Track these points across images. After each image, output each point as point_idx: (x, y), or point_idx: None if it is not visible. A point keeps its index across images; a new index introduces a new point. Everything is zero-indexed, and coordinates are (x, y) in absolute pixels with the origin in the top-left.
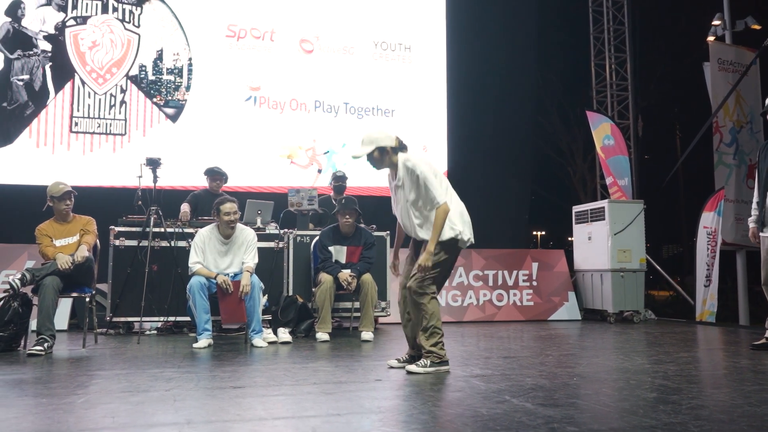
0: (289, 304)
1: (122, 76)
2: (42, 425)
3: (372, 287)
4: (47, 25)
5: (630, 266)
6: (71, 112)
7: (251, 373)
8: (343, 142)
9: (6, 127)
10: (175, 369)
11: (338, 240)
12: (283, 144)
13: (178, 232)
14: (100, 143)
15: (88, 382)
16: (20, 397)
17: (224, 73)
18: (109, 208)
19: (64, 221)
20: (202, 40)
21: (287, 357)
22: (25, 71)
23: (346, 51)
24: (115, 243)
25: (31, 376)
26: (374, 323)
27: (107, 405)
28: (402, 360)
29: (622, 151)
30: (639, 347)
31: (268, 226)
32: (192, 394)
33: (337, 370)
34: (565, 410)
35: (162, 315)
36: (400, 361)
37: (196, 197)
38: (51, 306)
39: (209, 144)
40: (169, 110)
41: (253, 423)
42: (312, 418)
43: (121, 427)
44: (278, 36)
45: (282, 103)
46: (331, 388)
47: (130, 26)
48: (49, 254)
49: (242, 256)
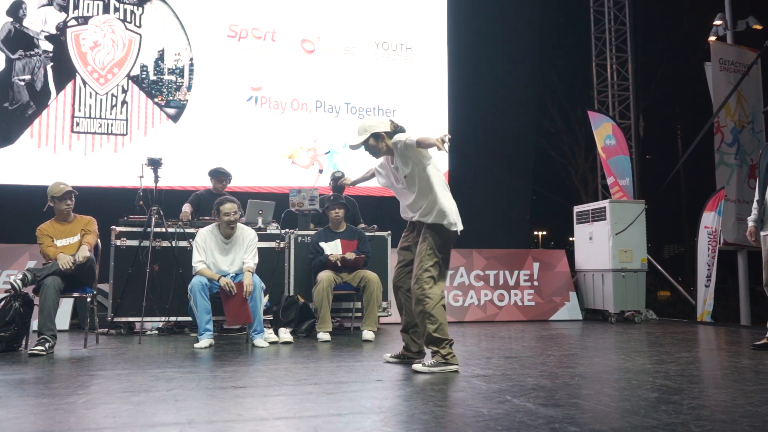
0: (290, 304)
1: (123, 76)
2: (43, 425)
3: (378, 287)
4: (48, 26)
5: (631, 266)
6: (73, 112)
7: (252, 373)
8: (344, 143)
9: (7, 128)
10: (176, 369)
11: (331, 236)
12: (284, 144)
13: (179, 232)
14: (101, 143)
15: (89, 382)
16: (21, 397)
17: (225, 73)
18: (110, 208)
19: (65, 221)
20: (204, 40)
21: (288, 357)
22: (26, 71)
23: (347, 51)
24: (116, 243)
25: (32, 376)
26: (377, 323)
27: (108, 405)
28: (395, 356)
29: (623, 151)
30: (640, 347)
31: (269, 226)
32: (193, 394)
33: (339, 370)
34: (567, 410)
35: (163, 315)
36: (394, 356)
37: (199, 197)
38: (52, 306)
39: (210, 144)
40: (171, 110)
41: (254, 423)
42: (313, 418)
43: (122, 427)
44: (279, 36)
45: (283, 104)
46: (332, 388)
47: (131, 26)
48: (50, 254)
49: (243, 255)
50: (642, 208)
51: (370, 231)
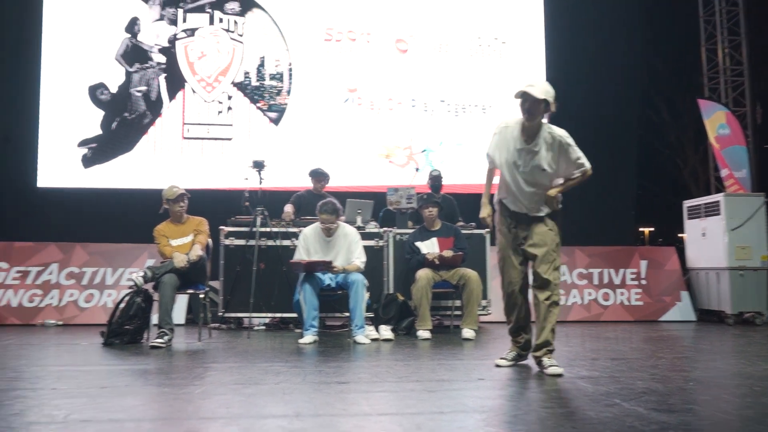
0: (389, 302)
1: (228, 83)
2: (165, 412)
3: (477, 285)
4: (161, 39)
5: (750, 264)
6: (183, 119)
7: (355, 369)
8: (440, 140)
9: (127, 136)
10: (283, 363)
11: (426, 235)
12: (380, 143)
13: (283, 232)
14: (209, 148)
15: (204, 373)
16: (145, 386)
17: (322, 76)
18: (218, 209)
19: (179, 222)
20: (301, 45)
21: (389, 354)
22: (142, 83)
23: (441, 48)
24: (225, 242)
25: (153, 367)
26: (477, 322)
27: (222, 396)
28: (510, 359)
29: (738, 141)
30: (763, 351)
31: (368, 225)
32: (300, 388)
33: (439, 368)
34: (682, 416)
35: (269, 311)
36: (508, 360)
37: (300, 198)
38: (169, 302)
39: (310, 145)
40: (272, 114)
41: (358, 418)
42: (416, 415)
43: (235, 417)
44: (374, 37)
45: (379, 103)
46: (434, 385)
47: (234, 35)
48: (166, 253)
49: (347, 254)
50: (761, 201)
51: (468, 229)
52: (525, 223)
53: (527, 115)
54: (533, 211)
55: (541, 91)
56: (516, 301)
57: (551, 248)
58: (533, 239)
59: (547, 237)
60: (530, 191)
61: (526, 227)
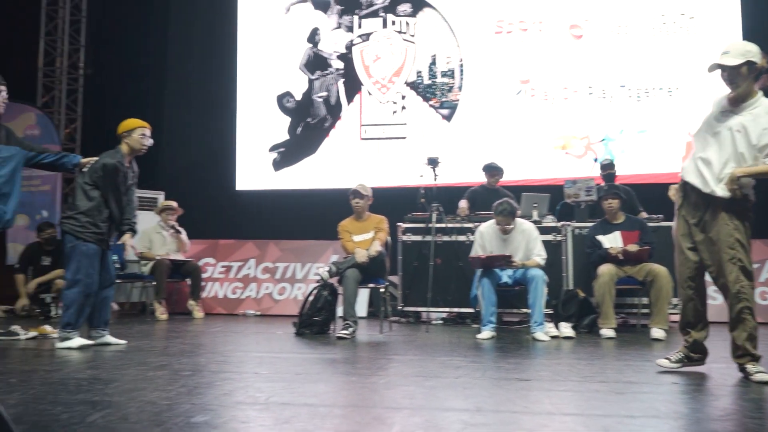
0: (569, 299)
1: (402, 83)
2: (353, 400)
3: (667, 282)
4: (339, 46)
5: None
6: (360, 121)
7: (536, 366)
8: (620, 128)
9: (311, 140)
10: (462, 358)
11: (608, 229)
12: (556, 134)
13: (458, 227)
14: (385, 147)
15: (386, 365)
16: (334, 374)
17: (494, 69)
18: (395, 206)
19: (361, 219)
20: (472, 39)
21: (571, 352)
22: (323, 89)
23: (619, 30)
24: (402, 238)
25: (340, 357)
26: (667, 321)
27: (405, 387)
28: (675, 360)
29: None
30: None
31: (544, 219)
32: (479, 383)
33: (627, 369)
34: None
35: (446, 306)
36: (672, 361)
37: (474, 193)
38: (353, 295)
39: (483, 140)
40: (444, 111)
41: (541, 417)
42: (603, 417)
43: (418, 408)
44: (546, 26)
45: (553, 93)
46: (621, 387)
47: (406, 36)
48: (348, 248)
49: (525, 251)
50: None
51: (655, 221)
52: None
53: (730, 84)
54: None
55: (736, 55)
56: (686, 292)
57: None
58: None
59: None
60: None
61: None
